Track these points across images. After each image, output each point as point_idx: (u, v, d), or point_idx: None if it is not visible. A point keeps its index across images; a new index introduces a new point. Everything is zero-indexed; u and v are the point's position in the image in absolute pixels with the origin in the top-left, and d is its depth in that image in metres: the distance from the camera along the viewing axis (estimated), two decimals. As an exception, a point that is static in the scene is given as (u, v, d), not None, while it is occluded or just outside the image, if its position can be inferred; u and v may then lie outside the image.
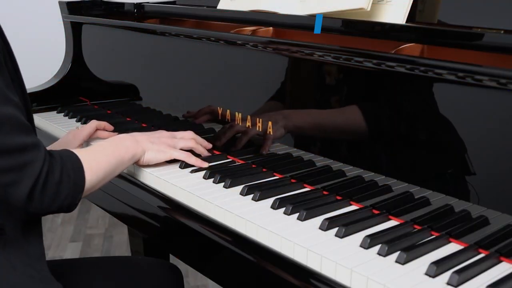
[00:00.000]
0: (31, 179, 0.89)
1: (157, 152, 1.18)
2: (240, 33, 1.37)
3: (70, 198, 0.96)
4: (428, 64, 0.93)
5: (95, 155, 1.05)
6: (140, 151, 1.16)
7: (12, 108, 0.88)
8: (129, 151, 1.13)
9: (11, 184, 0.88)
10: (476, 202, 0.91)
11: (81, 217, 3.10)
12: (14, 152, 0.88)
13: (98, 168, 1.03)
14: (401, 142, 1.02)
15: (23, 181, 0.89)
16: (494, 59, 0.95)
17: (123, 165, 1.12)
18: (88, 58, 1.79)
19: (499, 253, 0.84)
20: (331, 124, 1.14)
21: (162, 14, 1.76)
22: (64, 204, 0.96)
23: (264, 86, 1.26)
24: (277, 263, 0.90)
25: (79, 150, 1.02)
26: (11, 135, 0.87)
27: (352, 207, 1.03)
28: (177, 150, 1.20)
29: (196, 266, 1.12)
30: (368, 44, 1.11)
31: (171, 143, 1.21)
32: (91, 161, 1.01)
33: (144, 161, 1.18)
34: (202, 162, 1.20)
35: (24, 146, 0.89)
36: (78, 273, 1.20)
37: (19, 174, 0.88)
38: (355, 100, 1.09)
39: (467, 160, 0.92)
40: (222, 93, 1.36)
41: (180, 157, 1.20)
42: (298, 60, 1.16)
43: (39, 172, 0.90)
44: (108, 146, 1.11)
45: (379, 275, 0.79)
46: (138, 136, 1.18)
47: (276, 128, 1.20)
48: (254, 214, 0.99)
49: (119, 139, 1.15)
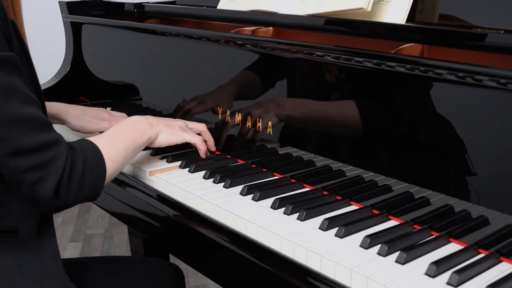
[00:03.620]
0: (57, 174, 0.91)
1: (170, 134, 1.18)
2: (240, 33, 1.37)
3: (94, 189, 0.98)
4: (428, 64, 0.93)
5: (112, 143, 1.06)
6: (154, 134, 1.16)
7: (33, 107, 0.90)
8: (145, 134, 1.14)
9: (38, 181, 0.90)
10: (476, 202, 0.91)
11: (81, 217, 3.10)
12: (38, 150, 0.89)
13: (117, 156, 1.04)
14: (401, 142, 1.02)
15: (49, 177, 0.90)
16: (494, 59, 0.95)
17: (139, 149, 1.13)
18: (88, 58, 1.79)
19: (499, 253, 0.84)
20: (326, 118, 1.14)
21: (162, 14, 1.76)
22: (88, 195, 0.97)
23: (264, 86, 1.26)
24: (277, 263, 0.90)
25: (97, 138, 1.03)
26: (34, 134, 0.89)
27: (352, 207, 1.03)
28: (190, 133, 1.21)
29: (196, 266, 1.12)
30: (368, 44, 1.11)
31: (184, 128, 1.22)
32: (110, 150, 1.03)
33: (157, 143, 1.18)
34: (206, 152, 1.23)
35: (47, 143, 0.90)
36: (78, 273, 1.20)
37: (44, 171, 0.90)
38: (355, 100, 1.09)
39: (467, 160, 0.92)
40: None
41: (192, 140, 1.20)
42: (298, 60, 1.16)
43: (64, 167, 0.92)
44: (123, 131, 1.12)
45: (379, 275, 0.79)
46: (151, 118, 1.19)
47: (268, 116, 1.21)
48: (254, 214, 0.99)
49: (134, 123, 1.16)
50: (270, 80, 1.24)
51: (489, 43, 0.96)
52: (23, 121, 0.88)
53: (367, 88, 1.08)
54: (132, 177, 1.23)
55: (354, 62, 1.04)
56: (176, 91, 1.51)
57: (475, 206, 0.91)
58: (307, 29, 1.26)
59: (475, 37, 0.99)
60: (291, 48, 1.16)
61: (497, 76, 0.85)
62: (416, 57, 1.02)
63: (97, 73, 1.78)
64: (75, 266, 1.24)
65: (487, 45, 0.96)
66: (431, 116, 0.97)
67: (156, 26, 1.63)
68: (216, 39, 1.32)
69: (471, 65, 0.88)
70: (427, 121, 0.98)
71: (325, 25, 1.21)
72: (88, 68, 1.79)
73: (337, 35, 1.21)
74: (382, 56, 1.00)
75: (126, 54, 1.68)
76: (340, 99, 1.12)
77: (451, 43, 1.03)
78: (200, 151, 1.22)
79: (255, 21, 1.39)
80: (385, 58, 0.99)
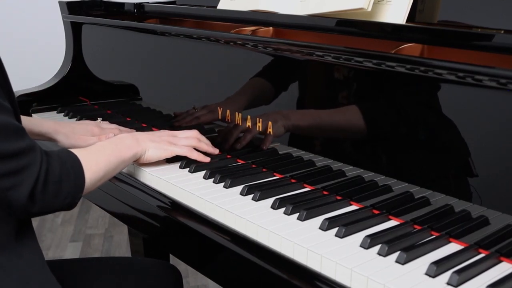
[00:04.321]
0: (31, 180, 0.90)
1: (158, 149, 1.18)
2: (240, 33, 1.37)
3: (71, 197, 0.97)
4: (428, 64, 0.93)
5: (94, 155, 1.06)
6: (140, 150, 1.16)
7: (3, 115, 0.89)
8: (130, 150, 1.14)
9: (11, 187, 0.89)
10: (476, 202, 0.91)
11: (81, 217, 3.10)
12: (11, 157, 0.88)
13: (98, 167, 1.04)
14: (400, 142, 1.02)
15: (23, 183, 0.90)
16: (494, 59, 0.95)
17: (123, 164, 1.13)
18: (88, 58, 1.79)
19: (499, 253, 0.84)
20: (331, 124, 1.14)
21: (162, 14, 1.76)
22: (65, 203, 0.96)
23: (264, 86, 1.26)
24: (277, 263, 0.90)
25: (78, 150, 1.03)
26: (7, 141, 0.88)
27: (352, 207, 1.03)
28: (178, 146, 1.20)
29: (196, 266, 1.12)
30: (368, 44, 1.11)
31: (172, 141, 1.21)
32: (90, 160, 1.02)
33: (145, 159, 1.18)
34: (204, 157, 1.21)
35: (20, 150, 0.90)
36: (78, 273, 1.20)
37: (18, 177, 0.89)
38: (355, 100, 1.09)
39: (467, 160, 0.92)
40: (222, 93, 1.35)
41: (181, 152, 1.20)
42: (298, 60, 1.16)
43: (38, 173, 0.91)
44: (107, 146, 1.12)
45: (379, 275, 0.79)
46: (138, 135, 1.19)
47: (276, 127, 1.20)
48: (254, 214, 0.99)
49: (119, 139, 1.16)
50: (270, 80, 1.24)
51: (489, 43, 0.96)
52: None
53: (367, 89, 1.08)
54: (132, 177, 1.23)
55: (354, 62, 1.04)
56: (176, 91, 1.51)
57: (475, 206, 0.91)
58: (307, 29, 1.26)
59: (475, 37, 0.99)
60: (291, 48, 1.16)
61: (497, 76, 0.85)
62: (416, 57, 1.02)
63: (97, 73, 1.78)
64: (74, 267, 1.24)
65: (487, 45, 0.96)
66: (431, 116, 0.97)
67: (156, 26, 1.63)
68: (216, 39, 1.32)
69: (471, 65, 0.88)
70: (427, 121, 0.98)
71: (325, 25, 1.21)
72: (88, 68, 1.79)
73: (337, 35, 1.21)
74: (382, 56, 1.00)
75: (126, 54, 1.68)
76: (340, 100, 1.12)
77: (451, 43, 1.03)
78: (196, 159, 1.21)
79: (255, 21, 1.39)
80: (385, 58, 0.99)
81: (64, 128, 1.35)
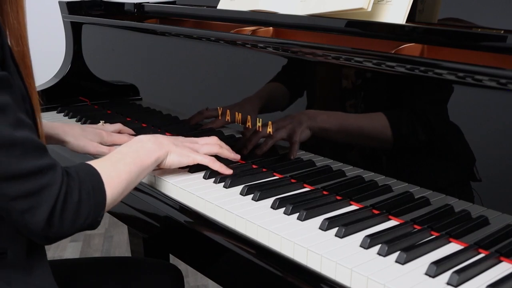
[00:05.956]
0: (49, 203, 0.84)
1: (180, 156, 1.11)
2: (240, 33, 1.37)
3: (92, 218, 0.90)
4: (428, 64, 0.93)
5: (115, 166, 0.98)
6: (163, 154, 1.09)
7: (25, 131, 0.83)
8: (152, 155, 1.06)
9: (28, 210, 0.83)
10: (476, 202, 0.91)
11: (81, 217, 3.10)
12: (30, 176, 0.82)
13: (119, 181, 0.96)
14: (400, 142, 1.02)
15: (41, 206, 0.83)
16: (494, 59, 0.95)
17: (146, 171, 1.05)
18: (88, 58, 1.79)
19: (499, 253, 0.84)
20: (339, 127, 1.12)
21: (162, 14, 1.76)
22: (85, 224, 0.90)
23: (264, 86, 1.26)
24: (277, 263, 0.90)
25: (97, 162, 0.96)
26: (26, 159, 0.82)
27: (352, 207, 1.03)
28: (201, 155, 1.14)
29: (196, 266, 1.12)
30: (368, 44, 1.11)
31: (194, 147, 1.15)
32: (111, 174, 0.95)
33: (166, 164, 1.11)
34: (226, 169, 1.15)
35: (39, 169, 0.83)
36: (78, 273, 1.20)
37: (36, 199, 0.83)
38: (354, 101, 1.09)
39: (467, 160, 0.92)
40: (222, 93, 1.35)
41: (203, 161, 1.14)
42: (298, 60, 1.16)
43: (57, 195, 0.85)
44: (128, 153, 1.03)
45: (379, 275, 0.79)
46: (161, 138, 1.12)
47: (301, 129, 1.16)
48: (254, 214, 0.99)
49: (140, 142, 1.08)
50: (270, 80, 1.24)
51: (489, 43, 0.96)
52: (14, 145, 0.81)
53: (367, 90, 1.08)
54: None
55: (354, 62, 1.04)
56: (176, 91, 1.51)
57: (475, 206, 0.91)
58: (307, 29, 1.26)
59: (475, 37, 0.99)
60: (292, 48, 1.16)
61: (497, 76, 0.85)
62: (416, 57, 1.02)
63: (97, 73, 1.78)
64: (74, 267, 1.24)
65: (487, 45, 0.96)
66: (431, 116, 0.97)
67: (156, 26, 1.63)
68: (216, 39, 1.32)
69: (471, 65, 0.88)
70: (427, 121, 0.98)
71: (325, 25, 1.21)
72: (88, 68, 1.79)
73: (337, 35, 1.21)
74: (382, 56, 0.99)
75: (126, 54, 1.68)
76: (340, 102, 1.12)
77: (451, 43, 1.03)
78: (218, 171, 1.15)
79: (255, 21, 1.39)
80: (385, 58, 0.99)
81: (73, 129, 1.30)
